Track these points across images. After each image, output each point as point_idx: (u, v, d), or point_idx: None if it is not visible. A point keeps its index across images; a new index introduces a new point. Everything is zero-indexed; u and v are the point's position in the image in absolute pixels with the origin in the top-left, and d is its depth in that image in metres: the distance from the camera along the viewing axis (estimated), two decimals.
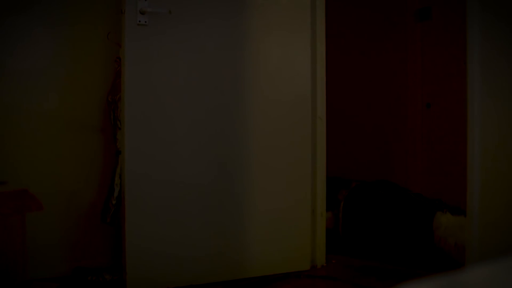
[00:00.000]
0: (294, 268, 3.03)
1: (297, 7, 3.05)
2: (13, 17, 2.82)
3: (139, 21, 2.64)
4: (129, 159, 2.66)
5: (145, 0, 2.64)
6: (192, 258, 2.79)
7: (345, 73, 4.60)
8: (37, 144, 2.90)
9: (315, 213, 3.15)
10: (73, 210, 2.98)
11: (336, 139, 3.69)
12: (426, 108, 4.27)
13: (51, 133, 2.93)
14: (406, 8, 4.38)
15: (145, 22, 2.65)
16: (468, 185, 2.35)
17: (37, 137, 2.90)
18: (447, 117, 4.10)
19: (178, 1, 2.73)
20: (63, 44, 2.96)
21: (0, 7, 2.81)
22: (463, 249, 2.61)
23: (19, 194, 2.54)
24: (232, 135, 2.90)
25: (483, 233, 2.31)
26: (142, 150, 2.70)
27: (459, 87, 3.48)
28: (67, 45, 2.96)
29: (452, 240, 3.09)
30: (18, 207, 2.51)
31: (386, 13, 4.53)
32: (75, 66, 2.99)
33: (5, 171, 2.77)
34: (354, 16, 4.68)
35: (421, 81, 4.31)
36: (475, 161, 2.32)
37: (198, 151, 2.82)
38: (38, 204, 2.58)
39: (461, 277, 0.80)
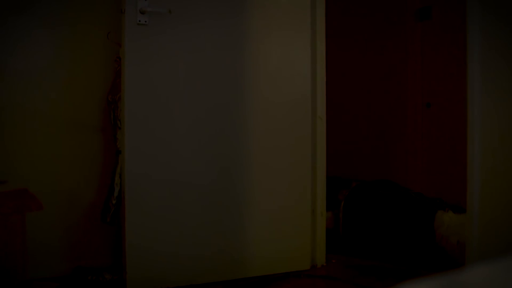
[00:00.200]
0: (294, 268, 3.03)
1: (297, 7, 3.05)
2: (13, 17, 2.83)
3: (139, 21, 2.64)
4: (129, 158, 2.66)
5: (145, 0, 2.64)
6: (192, 257, 2.79)
7: (345, 73, 4.60)
8: (37, 143, 2.90)
9: (315, 213, 3.15)
10: (73, 210, 2.98)
11: (336, 139, 3.69)
12: (426, 108, 4.27)
13: (51, 132, 2.94)
14: (406, 7, 4.38)
15: (145, 21, 2.65)
16: (468, 184, 2.35)
17: (37, 136, 2.90)
18: (447, 117, 4.10)
19: (178, 1, 2.73)
20: (63, 44, 2.96)
21: (0, 7, 2.81)
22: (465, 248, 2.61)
23: (19, 193, 2.55)
24: (232, 135, 2.90)
25: (483, 232, 2.31)
26: (142, 149, 2.70)
27: (459, 87, 3.47)
28: (67, 45, 2.97)
29: (454, 239, 3.07)
30: (18, 206, 2.52)
31: (386, 12, 4.53)
32: (75, 66, 2.99)
33: (5, 170, 2.77)
34: (354, 16, 4.68)
35: (421, 81, 4.31)
36: (475, 161, 2.33)
37: (198, 150, 2.82)
38: (38, 204, 2.58)
39: (460, 276, 0.80)
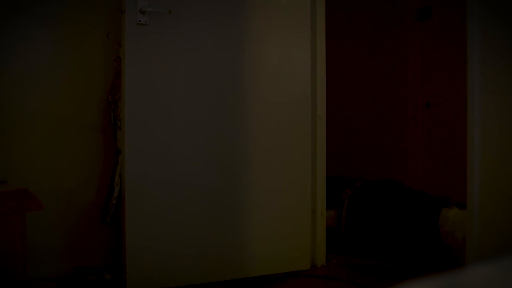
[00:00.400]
0: (294, 268, 3.03)
1: (297, 7, 3.05)
2: (13, 17, 2.83)
3: (139, 21, 2.64)
4: (129, 158, 2.66)
5: (145, 0, 2.64)
6: (193, 257, 2.79)
7: (345, 73, 4.60)
8: (37, 143, 2.90)
9: (315, 213, 3.15)
10: (73, 210, 2.98)
11: (336, 139, 3.69)
12: (426, 107, 4.27)
13: (51, 132, 2.94)
14: (406, 7, 4.38)
15: (145, 21, 2.65)
16: (468, 184, 2.35)
17: (37, 136, 2.90)
18: (447, 116, 4.10)
19: (178, 1, 2.73)
20: (63, 44, 2.96)
21: (0, 7, 2.81)
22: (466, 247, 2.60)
23: (19, 193, 2.55)
24: (232, 135, 2.90)
25: (483, 232, 2.31)
26: (142, 149, 2.70)
27: (459, 87, 3.48)
28: (67, 45, 2.97)
29: (460, 235, 3.04)
30: (18, 206, 2.51)
31: (386, 12, 4.53)
32: (75, 66, 2.99)
33: (5, 170, 2.77)
34: (354, 16, 4.68)
35: (421, 81, 4.31)
36: (475, 161, 2.33)
37: (198, 150, 2.82)
38: (38, 204, 2.58)
39: (460, 276, 0.80)
